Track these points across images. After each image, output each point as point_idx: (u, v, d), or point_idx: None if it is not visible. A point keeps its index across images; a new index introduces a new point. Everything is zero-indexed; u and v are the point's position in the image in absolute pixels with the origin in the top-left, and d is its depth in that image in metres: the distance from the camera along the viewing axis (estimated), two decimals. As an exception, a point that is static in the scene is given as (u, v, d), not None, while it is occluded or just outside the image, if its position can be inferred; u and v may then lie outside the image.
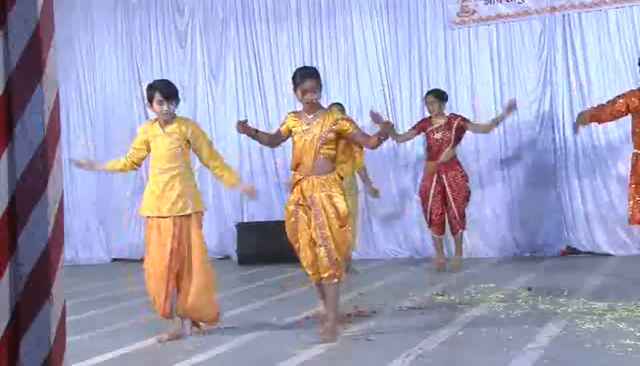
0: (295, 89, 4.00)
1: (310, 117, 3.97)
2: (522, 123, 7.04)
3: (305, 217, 3.92)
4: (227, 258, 7.99)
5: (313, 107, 3.98)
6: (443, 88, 7.04)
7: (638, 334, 3.66)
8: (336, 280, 3.89)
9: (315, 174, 3.90)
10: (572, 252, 6.82)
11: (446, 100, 6.40)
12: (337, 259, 3.86)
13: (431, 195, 6.23)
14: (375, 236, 7.51)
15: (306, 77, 3.95)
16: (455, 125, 6.21)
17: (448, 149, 6.21)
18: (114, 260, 8.41)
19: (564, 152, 6.89)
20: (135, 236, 8.13)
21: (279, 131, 4.13)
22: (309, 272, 4.00)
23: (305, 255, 3.96)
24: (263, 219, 7.77)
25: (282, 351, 3.71)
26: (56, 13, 1.60)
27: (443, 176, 6.19)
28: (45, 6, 1.54)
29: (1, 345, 1.48)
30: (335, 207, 3.86)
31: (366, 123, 7.58)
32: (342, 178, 4.00)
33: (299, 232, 3.95)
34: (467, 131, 6.38)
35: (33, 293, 1.51)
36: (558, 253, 6.85)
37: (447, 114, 6.33)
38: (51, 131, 1.53)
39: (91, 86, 8.66)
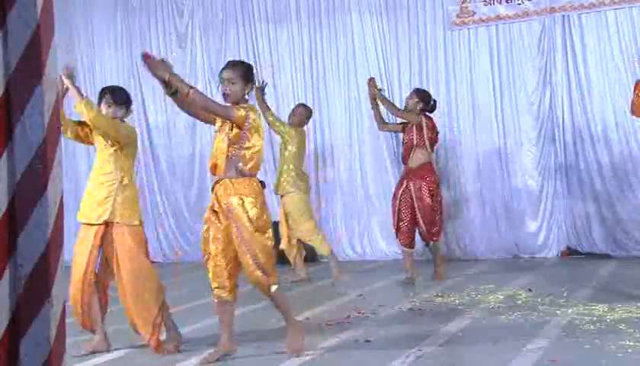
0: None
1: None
2: (522, 124, 7.04)
3: (219, 225, 3.56)
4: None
5: (236, 103, 3.62)
6: (442, 89, 7.07)
7: (637, 335, 3.66)
8: (275, 286, 3.58)
9: (228, 177, 3.56)
10: (572, 253, 6.82)
11: (429, 105, 5.93)
12: (264, 266, 3.53)
13: (398, 203, 5.74)
14: (374, 237, 7.51)
15: (224, 66, 3.66)
16: (411, 126, 5.76)
17: (418, 152, 5.71)
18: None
19: (563, 152, 6.90)
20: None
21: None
22: (214, 285, 3.59)
23: (214, 264, 3.57)
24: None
25: (281, 353, 3.70)
26: (56, 13, 1.60)
27: (411, 183, 5.70)
28: (45, 6, 1.54)
29: (0, 346, 1.47)
30: (246, 211, 3.51)
31: (365, 125, 7.59)
32: (263, 184, 3.67)
33: (210, 241, 3.58)
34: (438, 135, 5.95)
35: (33, 294, 1.50)
36: (558, 254, 6.86)
37: (421, 116, 5.82)
38: (51, 132, 1.53)
39: (91, 87, 8.65)
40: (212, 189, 3.65)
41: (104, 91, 4.01)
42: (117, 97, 3.95)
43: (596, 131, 6.77)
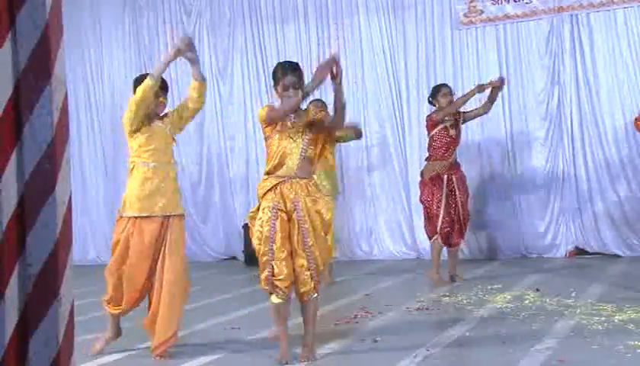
0: (275, 85, 3.65)
1: (292, 115, 3.62)
2: (530, 124, 7.02)
3: (284, 225, 3.51)
4: (234, 258, 7.99)
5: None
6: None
7: (646, 335, 3.65)
8: (316, 294, 3.58)
9: (299, 177, 3.56)
10: (580, 252, 6.79)
11: None
12: (319, 271, 3.57)
13: (444, 200, 5.62)
14: (382, 237, 7.50)
15: (289, 71, 3.60)
16: (460, 121, 5.86)
17: (456, 147, 5.83)
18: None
19: (572, 152, 6.87)
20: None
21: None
22: (283, 285, 3.51)
23: (284, 266, 3.50)
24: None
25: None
26: (64, 13, 1.61)
27: (453, 177, 5.71)
28: (54, 6, 1.54)
29: (9, 345, 1.48)
30: (319, 214, 3.56)
31: (373, 126, 7.59)
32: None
33: (277, 241, 3.49)
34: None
35: (42, 293, 1.51)
36: (566, 254, 6.83)
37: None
38: (59, 132, 1.53)
39: (99, 86, 8.70)
40: (273, 188, 3.54)
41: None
42: (165, 84, 3.93)
43: (605, 130, 6.74)
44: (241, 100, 8.11)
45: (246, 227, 7.75)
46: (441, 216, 5.61)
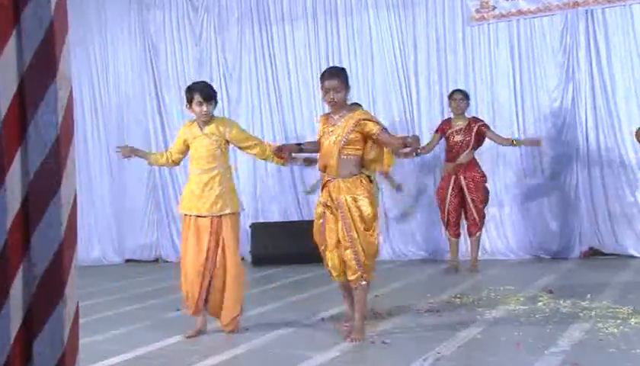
0: (321, 89, 3.96)
1: (336, 117, 3.95)
2: (543, 122, 6.94)
3: (333, 218, 3.91)
4: (241, 259, 7.97)
5: (339, 107, 3.94)
6: (462, 85, 6.97)
7: (663, 338, 3.58)
8: (364, 282, 3.88)
9: (341, 177, 3.88)
10: (595, 253, 6.72)
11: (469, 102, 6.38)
12: (365, 263, 3.86)
13: (449, 196, 6.21)
14: (392, 237, 7.46)
15: (327, 76, 3.91)
16: (475, 129, 6.17)
17: (467, 151, 6.19)
18: (127, 261, 8.39)
19: (586, 150, 6.78)
20: (148, 237, 8.15)
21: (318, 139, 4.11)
22: (334, 273, 3.97)
23: (331, 256, 3.94)
24: (278, 220, 7.75)
25: (298, 353, 3.68)
26: (69, 11, 1.59)
27: (461, 177, 6.18)
28: (59, 4, 1.53)
29: (14, 346, 1.47)
30: (360, 210, 3.84)
31: (383, 123, 7.52)
32: (371, 181, 3.98)
33: (326, 233, 3.94)
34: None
35: (47, 293, 1.50)
36: (581, 254, 6.75)
37: (468, 117, 6.27)
38: (64, 130, 1.52)
39: (105, 84, 8.68)
40: (324, 186, 3.97)
41: (192, 90, 4.22)
42: (207, 93, 4.21)
43: (620, 129, 6.64)
44: (249, 98, 8.09)
45: (253, 227, 7.77)
46: (446, 209, 6.27)
